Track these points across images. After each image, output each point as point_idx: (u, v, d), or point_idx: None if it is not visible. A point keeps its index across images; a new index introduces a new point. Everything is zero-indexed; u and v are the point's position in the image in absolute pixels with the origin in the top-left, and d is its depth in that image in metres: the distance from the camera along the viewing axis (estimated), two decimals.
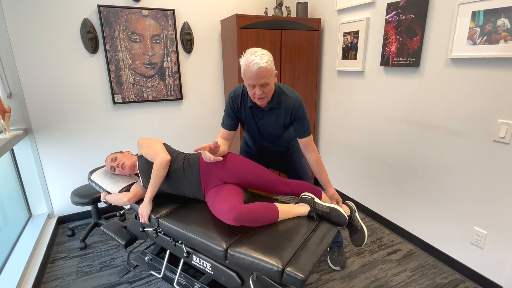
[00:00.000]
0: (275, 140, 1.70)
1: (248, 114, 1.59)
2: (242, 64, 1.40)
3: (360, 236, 1.60)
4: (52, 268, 1.99)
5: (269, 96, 1.47)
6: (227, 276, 1.42)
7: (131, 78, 2.48)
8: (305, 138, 1.59)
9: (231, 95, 1.59)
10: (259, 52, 1.38)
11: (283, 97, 1.53)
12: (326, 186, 1.65)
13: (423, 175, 2.05)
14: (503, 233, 1.65)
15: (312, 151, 1.62)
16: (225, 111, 1.63)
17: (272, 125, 1.59)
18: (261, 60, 1.34)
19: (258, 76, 1.36)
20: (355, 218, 1.62)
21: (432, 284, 1.81)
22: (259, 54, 1.36)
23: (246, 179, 1.52)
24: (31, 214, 2.44)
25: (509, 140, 1.54)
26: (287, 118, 1.56)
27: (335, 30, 2.63)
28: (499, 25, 1.49)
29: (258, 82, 1.38)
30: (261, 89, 1.40)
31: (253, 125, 1.63)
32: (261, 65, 1.34)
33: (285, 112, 1.54)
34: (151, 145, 1.61)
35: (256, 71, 1.35)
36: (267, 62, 1.36)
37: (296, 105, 1.53)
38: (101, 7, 2.26)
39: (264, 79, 1.37)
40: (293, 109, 1.53)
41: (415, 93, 2.01)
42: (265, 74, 1.36)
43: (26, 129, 2.25)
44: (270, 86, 1.43)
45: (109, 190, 1.77)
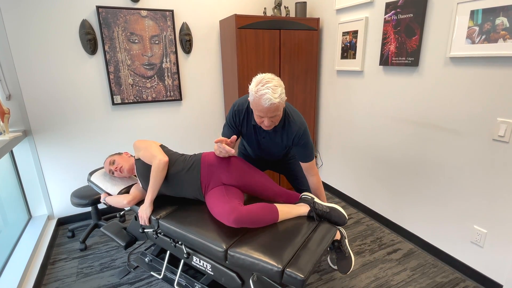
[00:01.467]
0: (274, 156, 1.71)
1: (250, 130, 1.57)
2: (252, 93, 1.33)
3: (347, 263, 1.61)
4: (52, 270, 1.99)
5: (277, 123, 1.43)
6: (228, 276, 1.42)
7: (130, 79, 2.48)
8: (308, 163, 1.58)
9: (235, 108, 1.54)
10: (271, 83, 1.29)
11: (288, 123, 1.49)
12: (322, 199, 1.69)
13: (422, 174, 2.05)
14: (503, 232, 1.65)
15: (314, 175, 1.62)
16: (227, 120, 1.59)
17: (273, 144, 1.59)
18: (274, 94, 1.27)
19: (269, 111, 1.31)
20: (344, 244, 1.62)
21: (433, 283, 1.81)
22: (271, 87, 1.28)
23: (247, 185, 1.53)
24: (31, 216, 2.44)
25: (509, 138, 1.55)
26: (289, 142, 1.54)
27: (334, 29, 2.63)
28: (498, 24, 1.49)
29: (267, 115, 1.34)
30: (270, 119, 1.36)
31: (254, 141, 1.62)
32: (273, 101, 1.28)
33: (287, 136, 1.52)
34: (148, 147, 1.59)
35: (267, 107, 1.29)
36: (280, 96, 1.29)
37: (300, 133, 1.50)
38: (100, 8, 2.25)
39: (274, 113, 1.33)
40: (295, 136, 1.50)
41: (414, 92, 2.01)
42: (276, 108, 1.31)
43: (26, 131, 2.25)
44: (278, 116, 1.39)
45: (109, 191, 1.77)
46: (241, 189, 1.54)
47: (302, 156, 1.57)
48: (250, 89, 1.35)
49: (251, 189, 1.55)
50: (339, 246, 1.60)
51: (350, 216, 2.61)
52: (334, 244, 1.62)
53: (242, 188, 1.54)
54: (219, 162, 1.53)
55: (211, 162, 1.54)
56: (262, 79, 1.32)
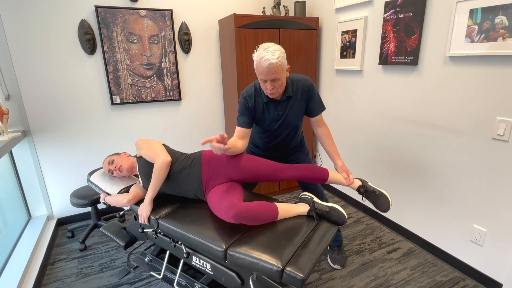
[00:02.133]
0: (291, 133, 1.71)
1: (265, 110, 1.61)
2: (254, 59, 1.44)
3: (383, 200, 1.56)
4: (52, 270, 1.99)
5: (280, 90, 1.50)
6: (227, 276, 1.42)
7: (129, 79, 2.48)
8: (319, 116, 1.68)
9: (244, 95, 1.61)
10: (271, 47, 1.40)
11: (296, 84, 1.59)
12: (335, 158, 1.68)
13: (422, 173, 2.05)
14: (502, 231, 1.65)
15: (324, 126, 1.71)
16: (239, 111, 1.63)
17: (293, 114, 1.63)
18: (272, 56, 1.37)
19: (269, 72, 1.40)
20: (369, 186, 1.60)
21: (432, 282, 1.81)
22: (271, 50, 1.39)
23: (249, 171, 1.51)
24: (31, 216, 2.43)
25: (508, 137, 1.55)
26: (304, 101, 1.63)
27: (333, 29, 2.63)
28: (497, 22, 1.49)
29: (268, 77, 1.42)
30: (272, 83, 1.44)
31: (270, 119, 1.64)
32: (271, 61, 1.37)
33: (300, 96, 1.61)
34: (151, 146, 1.60)
35: (267, 67, 1.38)
36: (278, 58, 1.38)
37: (308, 84, 1.61)
38: (99, 8, 2.25)
39: (274, 75, 1.41)
40: (307, 90, 1.61)
41: (413, 91, 2.01)
42: (275, 69, 1.39)
43: (25, 131, 2.25)
44: (281, 81, 1.46)
45: (108, 191, 1.77)
46: (245, 178, 1.53)
47: (316, 107, 1.66)
48: (254, 57, 1.45)
49: (256, 174, 1.53)
50: (366, 190, 1.59)
51: (349, 215, 2.62)
52: (359, 191, 1.61)
53: (246, 177, 1.53)
54: (219, 159, 1.53)
55: (211, 160, 1.54)
56: (264, 45, 1.43)
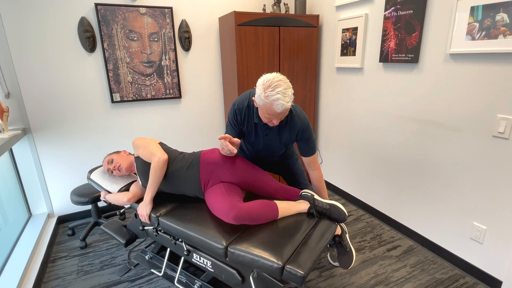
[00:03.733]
0: (274, 154, 1.70)
1: (251, 128, 1.57)
2: (261, 97, 1.29)
3: (348, 258, 1.60)
4: (53, 268, 2.00)
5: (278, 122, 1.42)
6: (228, 273, 1.42)
7: (129, 77, 2.47)
8: (310, 157, 1.60)
9: (235, 107, 1.52)
10: (281, 87, 1.26)
11: (291, 118, 1.50)
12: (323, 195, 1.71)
13: (422, 171, 2.05)
14: (502, 228, 1.65)
15: (316, 169, 1.64)
16: (229, 121, 1.58)
17: (275, 141, 1.59)
18: (286, 98, 1.26)
19: (281, 114, 1.31)
20: (345, 239, 1.62)
21: (432, 280, 1.82)
22: (282, 91, 1.25)
23: (246, 182, 1.53)
24: (31, 214, 2.44)
25: (508, 135, 1.55)
26: (292, 137, 1.56)
27: (334, 26, 2.62)
28: (498, 20, 1.49)
29: (278, 117, 1.35)
30: (277, 119, 1.37)
31: (255, 139, 1.61)
32: (287, 106, 1.27)
33: (290, 131, 1.53)
34: (147, 145, 1.59)
35: (281, 112, 1.29)
36: (291, 98, 1.29)
37: (303, 127, 1.51)
38: (99, 5, 2.24)
39: (283, 114, 1.34)
40: (299, 131, 1.52)
41: (414, 89, 2.01)
42: (286, 111, 1.32)
43: (25, 129, 2.24)
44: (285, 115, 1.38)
45: (109, 189, 1.77)
46: (240, 186, 1.54)
47: (305, 150, 1.59)
48: (258, 93, 1.30)
49: (251, 186, 1.54)
50: (340, 241, 1.60)
51: (349, 213, 2.62)
52: (335, 239, 1.62)
53: (241, 186, 1.54)
54: (219, 161, 1.52)
55: (210, 160, 1.53)
56: (271, 83, 1.27)
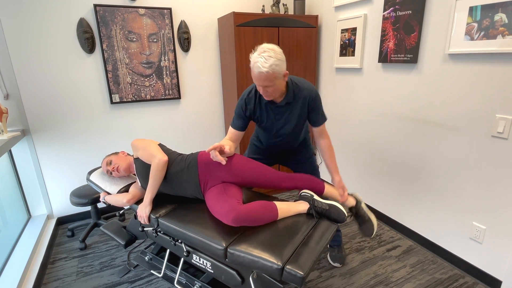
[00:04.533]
0: (290, 137, 1.69)
1: (263, 112, 1.58)
2: (250, 60, 1.40)
3: (369, 226, 1.57)
4: (52, 269, 1.99)
5: (275, 95, 1.46)
6: (227, 274, 1.42)
7: (128, 78, 2.47)
8: (321, 126, 1.63)
9: (245, 96, 1.57)
10: (267, 53, 1.33)
11: (298, 91, 1.53)
12: (333, 173, 1.66)
13: (421, 171, 2.05)
14: (502, 228, 1.65)
15: (326, 138, 1.67)
16: (236, 112, 1.60)
17: (290, 120, 1.59)
18: (264, 63, 1.32)
19: (260, 79, 1.36)
20: (361, 209, 1.60)
21: (432, 280, 1.82)
22: (265, 56, 1.32)
23: (247, 179, 1.51)
24: (30, 215, 2.43)
25: (507, 135, 1.55)
26: (305, 111, 1.57)
27: (333, 27, 2.63)
28: (497, 20, 1.49)
29: (259, 84, 1.39)
30: (264, 88, 1.41)
31: (269, 123, 1.62)
32: (261, 70, 1.33)
33: (301, 105, 1.55)
34: (147, 146, 1.58)
35: (257, 74, 1.35)
36: (271, 67, 1.32)
37: (312, 95, 1.54)
38: (97, 6, 2.24)
39: (265, 82, 1.37)
40: (309, 101, 1.55)
41: (413, 89, 2.01)
42: (265, 78, 1.34)
43: (24, 130, 2.24)
44: (274, 87, 1.41)
45: (108, 190, 1.77)
46: (241, 183, 1.53)
47: (316, 119, 1.60)
48: (250, 57, 1.41)
49: (252, 181, 1.52)
50: (357, 211, 1.58)
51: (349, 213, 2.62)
52: (351, 210, 1.59)
53: (242, 183, 1.52)
54: (216, 163, 1.52)
55: (208, 161, 1.53)
56: (262, 48, 1.37)
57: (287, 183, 1.55)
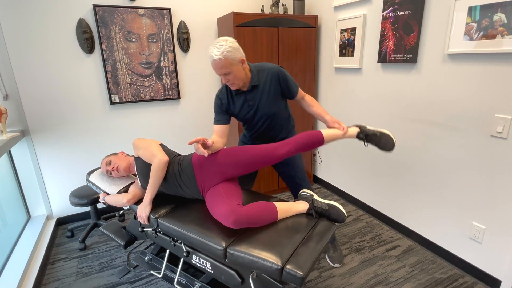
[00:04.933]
0: (271, 122, 1.69)
1: (237, 103, 1.63)
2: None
3: (386, 140, 1.50)
4: (52, 270, 1.99)
5: (238, 82, 1.52)
6: (227, 274, 1.42)
7: (128, 78, 2.47)
8: (299, 93, 1.70)
9: (218, 94, 1.66)
10: (219, 43, 1.41)
11: (261, 72, 1.60)
12: (323, 116, 1.65)
13: (421, 170, 2.05)
14: (501, 228, 1.66)
15: (306, 95, 1.73)
16: (215, 111, 1.68)
17: (266, 102, 1.62)
18: (217, 51, 1.40)
19: (216, 67, 1.44)
20: (367, 129, 1.54)
21: (432, 279, 1.82)
22: (217, 46, 1.41)
23: (241, 163, 1.48)
24: (30, 216, 2.43)
25: (507, 135, 1.55)
26: (277, 89, 1.62)
27: (332, 27, 2.63)
28: (496, 20, 1.49)
29: (218, 73, 1.47)
30: (225, 77, 1.48)
31: (246, 112, 1.65)
32: (214, 58, 1.41)
33: (270, 84, 1.60)
34: (148, 146, 1.59)
35: (213, 63, 1.43)
36: (222, 53, 1.39)
37: (277, 71, 1.60)
38: (97, 7, 2.24)
39: (222, 69, 1.44)
40: (278, 77, 1.60)
41: (412, 89, 2.01)
42: (221, 65, 1.42)
43: (23, 131, 2.24)
44: (233, 74, 1.47)
45: (108, 191, 1.76)
46: (239, 172, 1.51)
47: (292, 91, 1.66)
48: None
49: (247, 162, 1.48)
50: (365, 134, 1.50)
51: (349, 213, 2.62)
52: (359, 137, 1.52)
53: (239, 170, 1.50)
54: (211, 159, 1.51)
55: (201, 162, 1.53)
56: (216, 40, 1.45)
57: (283, 148, 1.47)
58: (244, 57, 1.50)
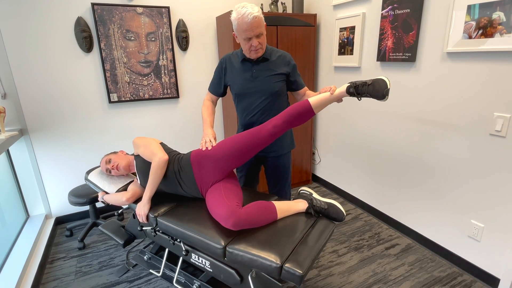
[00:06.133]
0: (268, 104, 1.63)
1: (239, 70, 1.64)
2: (234, 19, 1.44)
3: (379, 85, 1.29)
4: (51, 269, 1.99)
5: (264, 47, 1.54)
6: (226, 273, 1.42)
7: (126, 77, 2.47)
8: (304, 88, 1.72)
9: (223, 58, 1.68)
10: (249, 4, 1.43)
11: (274, 52, 1.64)
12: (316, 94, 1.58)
13: (420, 169, 2.05)
14: (499, 226, 1.66)
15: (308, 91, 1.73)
16: (214, 75, 1.73)
17: (268, 76, 1.61)
18: (253, 9, 1.41)
19: (253, 26, 1.42)
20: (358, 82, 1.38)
21: (430, 278, 1.82)
22: (249, 6, 1.41)
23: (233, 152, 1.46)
24: (29, 215, 2.43)
25: (505, 133, 1.55)
26: (282, 69, 1.62)
27: (331, 25, 2.62)
28: (495, 18, 1.49)
29: (254, 32, 1.44)
30: (257, 39, 1.47)
31: (245, 80, 1.61)
32: (255, 14, 1.40)
33: (278, 63, 1.62)
34: (148, 145, 1.58)
35: (251, 21, 1.40)
36: (259, 12, 1.42)
37: (289, 56, 1.65)
38: (95, 5, 2.23)
39: (259, 29, 1.44)
40: (287, 59, 1.63)
41: (411, 88, 2.01)
42: (259, 23, 1.42)
43: (22, 130, 2.23)
44: (264, 35, 1.49)
45: (106, 190, 1.76)
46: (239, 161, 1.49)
47: (299, 82, 1.70)
48: (232, 21, 1.45)
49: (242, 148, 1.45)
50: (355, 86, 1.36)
51: (348, 212, 2.62)
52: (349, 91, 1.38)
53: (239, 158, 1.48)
54: (208, 156, 1.51)
55: (201, 159, 1.52)
56: (239, 5, 1.44)
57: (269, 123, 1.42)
58: None
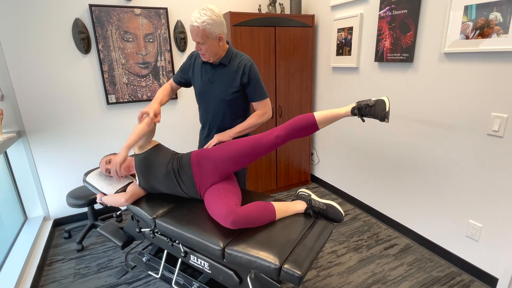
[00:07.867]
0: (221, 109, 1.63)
1: (198, 70, 1.64)
2: None
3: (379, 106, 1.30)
4: (49, 271, 1.98)
5: (208, 55, 1.50)
6: (225, 274, 1.42)
7: (124, 78, 2.46)
8: (258, 103, 1.63)
9: (192, 54, 1.68)
10: (204, 11, 1.39)
11: (235, 57, 1.58)
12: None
13: (418, 169, 2.06)
14: (498, 226, 1.67)
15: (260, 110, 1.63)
16: (181, 65, 1.72)
17: (221, 83, 1.59)
18: (198, 18, 1.38)
19: (193, 34, 1.43)
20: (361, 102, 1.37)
21: (429, 278, 1.83)
22: (202, 12, 1.39)
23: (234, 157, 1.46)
24: (27, 217, 2.42)
25: (503, 133, 1.56)
26: (237, 79, 1.57)
27: (329, 26, 2.63)
28: (492, 19, 1.50)
29: (193, 38, 1.45)
30: (197, 45, 1.47)
31: (202, 82, 1.64)
32: (193, 24, 1.40)
33: (235, 72, 1.57)
34: None
35: (191, 29, 1.42)
36: (203, 23, 1.38)
37: (248, 64, 1.56)
38: (93, 7, 2.23)
39: (197, 38, 1.43)
40: (244, 68, 1.55)
41: (409, 88, 2.02)
42: (196, 33, 1.41)
43: (19, 132, 2.23)
44: (206, 46, 1.46)
45: (105, 191, 1.75)
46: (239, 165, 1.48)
47: (252, 93, 1.60)
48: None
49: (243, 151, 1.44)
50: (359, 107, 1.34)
51: (347, 212, 2.63)
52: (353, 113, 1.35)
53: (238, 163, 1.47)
54: (208, 157, 1.51)
55: (200, 160, 1.52)
56: (204, 5, 1.43)
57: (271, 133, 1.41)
58: (223, 35, 1.48)
